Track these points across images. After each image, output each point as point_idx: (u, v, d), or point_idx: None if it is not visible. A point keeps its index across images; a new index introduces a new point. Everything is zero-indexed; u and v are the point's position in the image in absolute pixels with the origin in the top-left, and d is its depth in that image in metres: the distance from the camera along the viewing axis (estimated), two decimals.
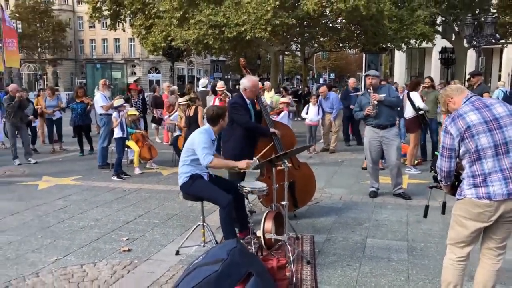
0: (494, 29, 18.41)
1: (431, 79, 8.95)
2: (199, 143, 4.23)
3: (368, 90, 6.34)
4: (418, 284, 3.68)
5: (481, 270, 3.00)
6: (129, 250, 4.47)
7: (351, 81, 12.50)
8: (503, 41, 24.57)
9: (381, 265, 4.05)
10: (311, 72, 48.93)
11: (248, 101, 5.17)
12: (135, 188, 7.08)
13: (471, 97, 2.95)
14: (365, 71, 27.65)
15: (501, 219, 2.80)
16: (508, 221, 2.81)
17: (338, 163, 9.27)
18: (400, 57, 35.68)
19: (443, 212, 3.27)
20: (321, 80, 55.65)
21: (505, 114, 2.79)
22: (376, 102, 6.13)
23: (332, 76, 60.43)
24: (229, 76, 58.28)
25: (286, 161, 4.08)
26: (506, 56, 40.76)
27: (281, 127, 5.53)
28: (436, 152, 3.16)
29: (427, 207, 3.36)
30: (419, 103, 7.95)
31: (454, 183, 3.04)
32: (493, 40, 19.26)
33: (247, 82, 5.16)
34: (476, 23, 19.69)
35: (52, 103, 11.03)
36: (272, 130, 5.21)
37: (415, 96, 8.04)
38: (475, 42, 18.61)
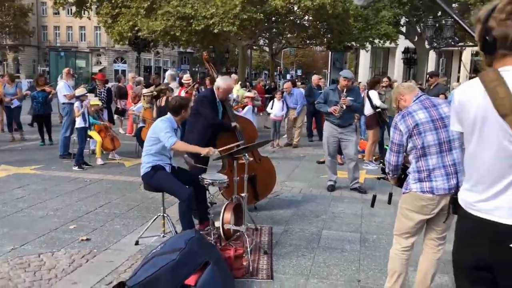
0: (454, 32, 19.03)
1: (389, 78, 9.31)
2: (161, 129, 4.29)
3: (339, 89, 6.50)
4: (368, 273, 3.88)
5: (423, 259, 3.21)
6: (87, 239, 4.49)
7: (315, 78, 12.70)
8: (461, 44, 25.45)
9: (334, 255, 4.24)
10: (278, 67, 49.22)
11: (217, 100, 5.26)
12: (96, 179, 7.05)
13: (420, 96, 3.14)
14: (331, 69, 28.16)
15: (442, 212, 3.00)
16: (446, 216, 3.01)
17: (300, 157, 9.48)
18: (364, 56, 36.40)
19: (389, 202, 3.47)
20: (288, 76, 56.10)
21: (450, 114, 2.98)
22: (344, 107, 6.33)
23: (299, 72, 61.00)
24: (197, 69, 57.86)
25: (246, 154, 4.19)
26: (464, 58, 42.29)
27: (243, 122, 5.64)
28: (385, 146, 3.35)
29: (374, 196, 3.55)
30: (376, 101, 8.24)
31: (400, 176, 3.23)
32: (452, 43, 19.93)
33: (222, 83, 5.23)
34: (437, 25, 20.36)
35: (11, 91, 10.67)
36: (233, 124, 5.32)
37: (373, 94, 8.33)
38: (436, 44, 19.23)
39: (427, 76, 10.22)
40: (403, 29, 25.95)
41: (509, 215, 1.72)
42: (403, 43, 26.00)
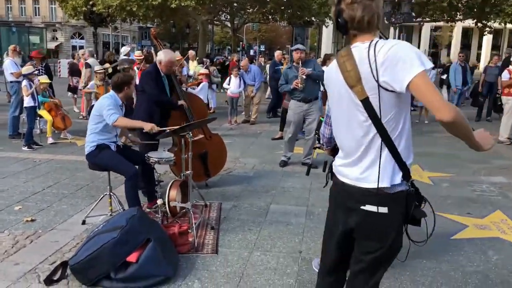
0: (411, 8, 19.42)
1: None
2: (104, 106, 4.24)
3: (295, 64, 6.56)
4: (310, 245, 4.02)
5: None
6: (32, 220, 4.43)
7: (278, 54, 12.56)
8: (419, 20, 25.94)
9: (280, 229, 4.36)
10: (241, 43, 48.76)
11: (162, 74, 5.17)
12: (46, 159, 6.91)
13: None
14: (292, 44, 28.20)
15: None
16: None
17: (256, 134, 9.55)
18: (327, 32, 36.56)
19: (324, 170, 3.62)
20: (251, 52, 55.72)
21: None
22: (304, 77, 6.37)
23: (262, 48, 60.68)
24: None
25: (190, 132, 4.19)
26: (424, 34, 43.15)
27: (193, 99, 5.63)
28: (321, 119, 3.44)
29: (310, 165, 3.67)
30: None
31: (334, 146, 3.34)
32: (408, 18, 20.32)
33: (163, 56, 5.09)
34: (396, 0, 20.68)
35: None
36: (180, 102, 5.28)
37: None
38: (393, 19, 19.57)
39: None
40: None
41: (359, 178, 1.96)
42: None
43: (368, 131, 1.89)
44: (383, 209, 1.91)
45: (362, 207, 1.95)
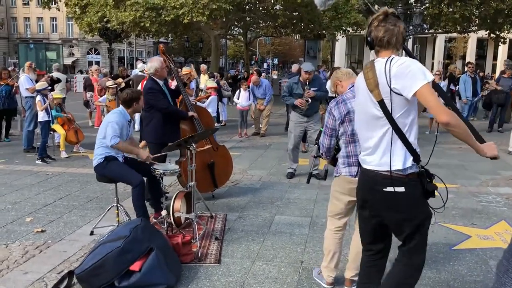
0: (422, 19, 19.39)
1: (353, 68, 9.64)
2: (109, 124, 4.39)
3: (301, 81, 6.63)
4: (312, 255, 4.07)
5: (355, 238, 3.41)
6: (42, 231, 4.57)
7: (295, 68, 12.57)
8: (431, 31, 25.89)
9: (283, 239, 4.42)
10: (254, 56, 49.19)
11: (161, 83, 5.31)
12: (58, 172, 7.08)
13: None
14: (305, 57, 28.33)
15: None
16: None
17: (265, 146, 9.64)
18: (340, 44, 36.54)
19: (325, 178, 3.72)
20: (264, 65, 56.12)
21: None
22: (310, 100, 6.49)
23: (276, 61, 61.05)
24: (173, 59, 57.37)
25: (194, 144, 4.29)
26: (438, 45, 42.95)
27: (199, 110, 5.75)
28: (320, 129, 3.52)
29: (310, 174, 3.76)
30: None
31: (334, 155, 3.42)
32: (420, 30, 20.30)
33: (156, 63, 5.22)
34: (409, 12, 20.65)
35: None
36: (190, 113, 5.42)
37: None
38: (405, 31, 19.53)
39: None
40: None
41: (377, 164, 2.43)
42: None
43: (384, 125, 2.39)
44: (400, 189, 2.37)
45: (383, 189, 2.40)
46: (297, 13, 19.23)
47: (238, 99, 10.91)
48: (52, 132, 8.34)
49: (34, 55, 26.87)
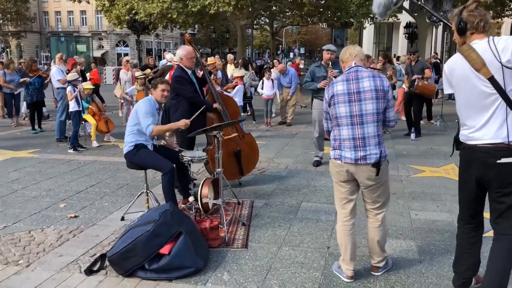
0: (452, 5, 18.86)
1: (385, 57, 9.67)
2: (140, 113, 4.49)
3: (324, 64, 6.63)
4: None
5: (367, 228, 3.41)
6: (75, 216, 4.73)
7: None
8: None
9: (309, 225, 4.44)
10: (280, 46, 48.95)
11: (189, 72, 5.37)
12: (90, 160, 7.28)
13: (352, 67, 3.22)
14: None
15: (362, 186, 3.23)
16: (368, 189, 3.23)
17: (292, 135, 9.64)
18: (368, 32, 35.94)
19: None
20: (291, 55, 55.76)
21: (368, 89, 3.09)
22: (334, 78, 6.43)
23: (302, 50, 60.64)
24: (200, 50, 57.68)
25: (221, 132, 4.34)
26: None
27: (226, 100, 5.80)
28: None
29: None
30: None
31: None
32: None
33: (181, 51, 5.32)
34: None
35: (12, 77, 10.75)
36: (215, 105, 5.46)
37: None
38: (434, 18, 19.08)
39: (410, 53, 9.85)
40: (406, 4, 25.64)
41: (492, 137, 2.59)
42: (405, 18, 25.67)
43: (495, 101, 2.56)
44: None
45: (498, 161, 2.57)
46: (323, 1, 19.05)
47: (262, 89, 10.93)
48: (83, 122, 8.55)
49: (65, 48, 27.49)
